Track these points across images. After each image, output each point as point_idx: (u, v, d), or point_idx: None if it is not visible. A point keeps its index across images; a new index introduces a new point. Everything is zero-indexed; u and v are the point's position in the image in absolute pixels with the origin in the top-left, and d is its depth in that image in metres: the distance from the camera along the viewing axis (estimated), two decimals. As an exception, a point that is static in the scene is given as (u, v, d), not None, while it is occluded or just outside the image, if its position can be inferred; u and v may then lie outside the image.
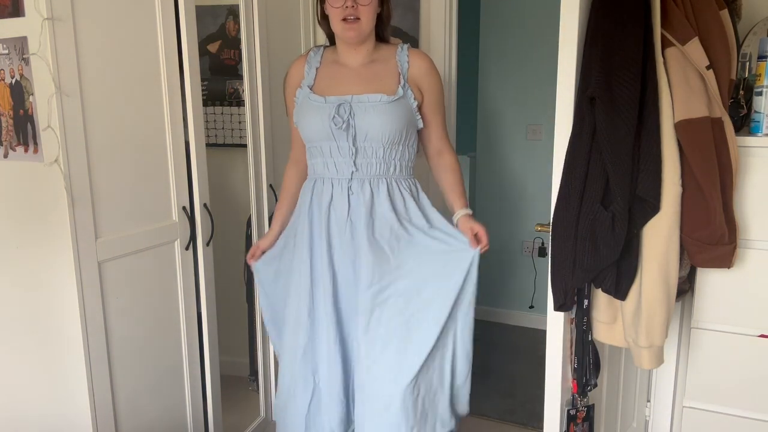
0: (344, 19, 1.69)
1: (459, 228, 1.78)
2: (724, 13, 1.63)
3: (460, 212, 1.81)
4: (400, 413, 1.67)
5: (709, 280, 1.75)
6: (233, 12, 2.47)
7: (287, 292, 1.85)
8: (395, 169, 1.76)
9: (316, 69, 1.81)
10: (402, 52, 1.79)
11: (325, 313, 1.76)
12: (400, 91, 1.74)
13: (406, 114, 1.74)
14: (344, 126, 1.69)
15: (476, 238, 1.76)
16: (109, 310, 1.66)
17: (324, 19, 1.79)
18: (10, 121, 1.55)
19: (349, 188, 1.74)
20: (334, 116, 1.69)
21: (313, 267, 1.78)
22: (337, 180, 1.75)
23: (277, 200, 2.30)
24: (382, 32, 1.83)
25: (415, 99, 1.77)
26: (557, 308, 1.62)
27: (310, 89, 1.78)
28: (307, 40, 2.46)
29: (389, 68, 1.78)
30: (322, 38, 2.00)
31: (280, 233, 1.91)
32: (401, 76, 1.76)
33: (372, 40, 1.79)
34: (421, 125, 1.81)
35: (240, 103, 2.56)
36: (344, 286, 1.76)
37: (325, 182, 1.77)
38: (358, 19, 1.69)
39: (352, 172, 1.73)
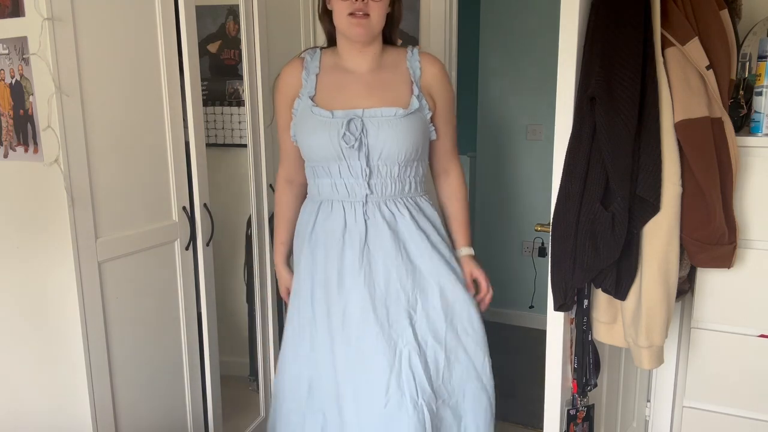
0: (352, 14, 1.52)
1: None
2: (724, 13, 1.63)
3: (463, 251, 1.68)
4: None
5: (709, 280, 1.75)
6: (233, 12, 2.47)
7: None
8: (410, 188, 1.62)
9: (316, 76, 1.62)
10: (413, 57, 1.64)
11: (331, 343, 1.61)
12: (415, 102, 1.58)
13: (422, 127, 1.60)
14: (356, 144, 1.52)
15: (474, 285, 1.65)
16: (109, 310, 1.66)
17: (325, 14, 1.62)
18: (10, 121, 1.55)
19: (365, 212, 1.58)
20: (344, 134, 1.52)
21: (315, 297, 1.63)
22: (350, 203, 1.59)
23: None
24: (391, 34, 1.67)
25: (429, 109, 1.62)
26: (557, 308, 1.62)
27: (312, 100, 1.59)
28: (307, 40, 2.46)
29: (400, 75, 1.62)
30: (322, 38, 1.97)
31: (288, 263, 1.77)
32: (414, 85, 1.61)
33: (379, 42, 1.62)
34: (434, 136, 1.66)
35: (240, 103, 2.56)
36: (357, 314, 1.59)
37: (334, 205, 1.60)
38: (368, 15, 1.53)
39: (366, 195, 1.57)
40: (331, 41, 1.68)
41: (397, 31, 1.69)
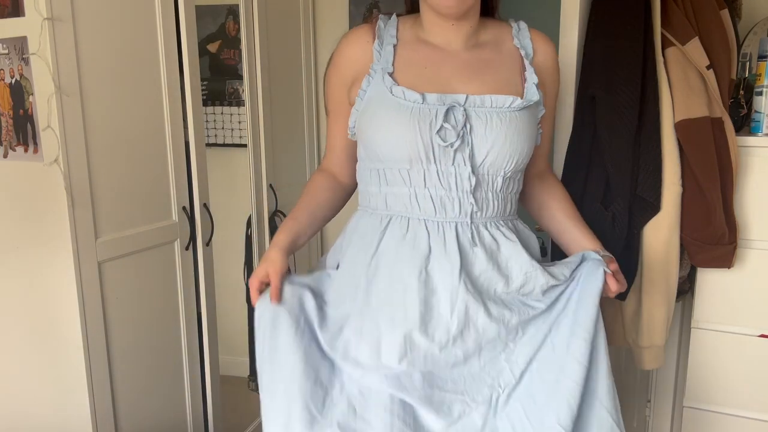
0: None
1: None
2: (724, 13, 1.63)
3: (600, 253, 1.22)
4: None
5: (709, 280, 1.75)
6: (233, 12, 2.47)
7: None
8: (510, 209, 1.22)
9: (393, 47, 1.18)
10: (521, 33, 1.24)
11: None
12: (533, 90, 1.18)
13: (535, 126, 1.21)
14: (457, 143, 1.10)
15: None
16: (109, 310, 1.66)
17: None
18: (10, 121, 1.55)
19: (458, 237, 1.13)
20: (441, 126, 1.09)
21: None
22: (436, 224, 1.13)
23: (277, 201, 2.31)
24: (491, 1, 1.25)
25: (542, 105, 1.23)
26: (557, 308, 1.62)
27: (392, 78, 1.15)
28: (307, 39, 2.46)
29: (506, 56, 1.21)
30: (322, 38, 1.94)
31: (288, 253, 1.24)
32: (528, 69, 1.20)
33: (476, 13, 1.18)
34: (539, 141, 1.27)
35: (240, 103, 2.56)
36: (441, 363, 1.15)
37: (412, 225, 1.14)
38: None
39: (472, 213, 1.13)
40: (414, 7, 1.24)
41: None
